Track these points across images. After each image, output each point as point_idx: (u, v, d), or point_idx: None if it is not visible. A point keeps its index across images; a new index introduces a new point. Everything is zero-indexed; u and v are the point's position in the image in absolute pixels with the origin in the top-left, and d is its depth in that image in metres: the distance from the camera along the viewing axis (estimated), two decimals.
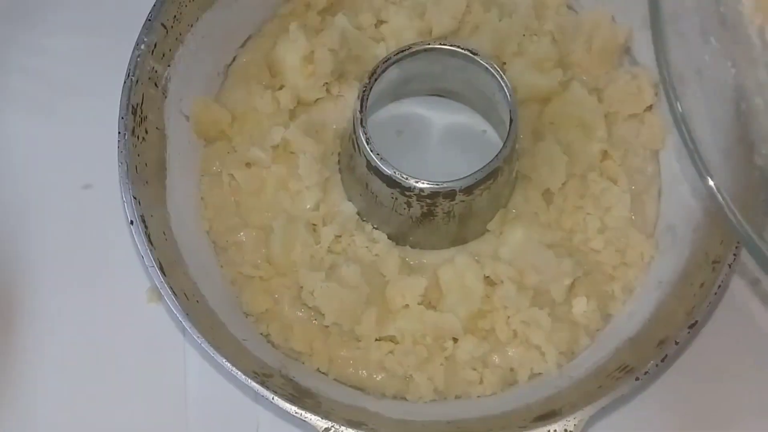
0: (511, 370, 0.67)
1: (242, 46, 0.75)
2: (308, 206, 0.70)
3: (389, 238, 0.70)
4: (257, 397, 0.67)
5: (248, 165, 0.71)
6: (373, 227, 0.70)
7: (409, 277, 0.68)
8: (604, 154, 0.72)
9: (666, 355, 0.59)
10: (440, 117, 0.76)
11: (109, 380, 0.69)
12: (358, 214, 0.70)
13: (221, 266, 0.70)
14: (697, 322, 0.60)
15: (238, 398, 0.69)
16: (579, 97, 0.72)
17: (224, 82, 0.74)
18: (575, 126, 0.72)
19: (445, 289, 0.68)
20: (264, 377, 0.61)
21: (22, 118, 0.77)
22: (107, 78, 0.71)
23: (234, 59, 0.75)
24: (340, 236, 0.69)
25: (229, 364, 0.59)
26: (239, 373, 0.59)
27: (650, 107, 0.73)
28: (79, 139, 0.76)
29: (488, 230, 0.70)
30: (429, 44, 0.67)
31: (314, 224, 0.70)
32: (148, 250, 0.61)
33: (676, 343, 0.59)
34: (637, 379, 0.59)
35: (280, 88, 0.72)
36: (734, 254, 0.61)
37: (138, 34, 0.66)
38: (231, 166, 0.71)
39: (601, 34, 0.74)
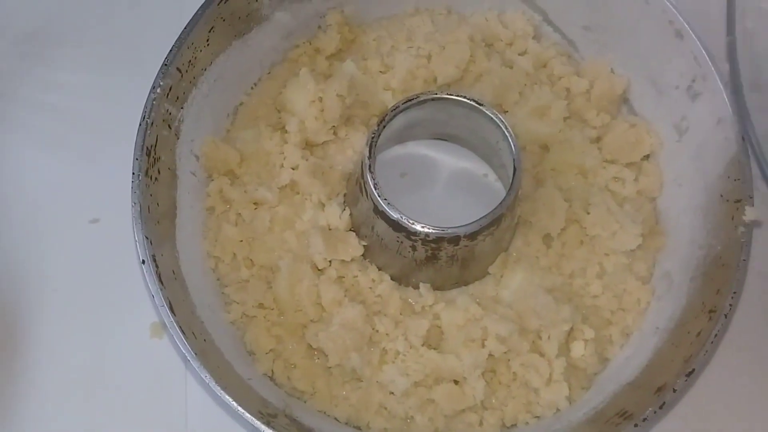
0: (511, 412, 0.68)
1: (252, 87, 0.77)
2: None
3: (392, 278, 0.71)
4: None
5: (255, 204, 0.72)
6: (377, 268, 0.71)
7: (410, 319, 0.69)
8: (603, 201, 0.74)
9: (664, 402, 0.61)
10: (443, 160, 0.78)
11: (111, 412, 0.70)
12: (362, 255, 0.71)
13: (226, 304, 0.71)
14: (694, 370, 0.61)
15: None
16: (579, 145, 0.75)
17: (234, 122, 0.76)
18: (575, 173, 0.74)
19: (446, 330, 0.69)
20: (269, 417, 0.61)
21: (33, 151, 0.78)
22: (118, 114, 0.73)
23: (243, 101, 0.76)
24: (343, 277, 0.70)
25: (235, 404, 0.60)
26: (246, 413, 0.60)
27: (647, 156, 0.75)
28: (87, 174, 0.77)
29: (489, 273, 0.72)
30: (436, 94, 0.68)
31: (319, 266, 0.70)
32: (159, 290, 0.62)
33: (674, 391, 0.61)
34: (635, 425, 0.60)
35: (287, 130, 0.73)
36: (730, 304, 0.63)
37: (152, 74, 0.67)
38: (239, 205, 0.72)
39: (600, 84, 0.76)
